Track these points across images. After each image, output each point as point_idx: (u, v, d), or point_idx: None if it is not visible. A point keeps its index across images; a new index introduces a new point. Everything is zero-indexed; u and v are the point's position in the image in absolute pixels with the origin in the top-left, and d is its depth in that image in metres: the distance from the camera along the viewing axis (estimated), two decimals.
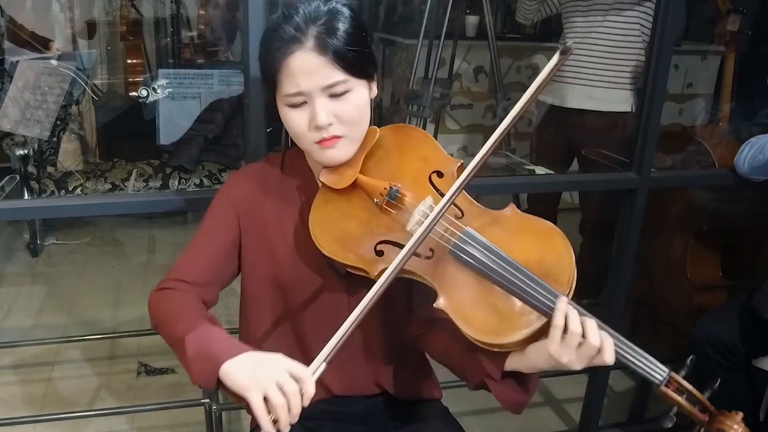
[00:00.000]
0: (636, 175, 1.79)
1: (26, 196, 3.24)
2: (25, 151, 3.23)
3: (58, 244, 3.56)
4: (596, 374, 2.00)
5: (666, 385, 1.02)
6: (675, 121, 4.07)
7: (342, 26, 1.05)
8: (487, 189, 1.71)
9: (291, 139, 1.15)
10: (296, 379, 0.94)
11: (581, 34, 2.57)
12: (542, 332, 1.00)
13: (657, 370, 1.02)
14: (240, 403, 0.96)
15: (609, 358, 0.99)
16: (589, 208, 2.85)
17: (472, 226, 1.06)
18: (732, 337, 1.79)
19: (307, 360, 1.02)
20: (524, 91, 1.01)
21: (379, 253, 1.08)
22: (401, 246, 1.04)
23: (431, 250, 1.06)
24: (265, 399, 0.92)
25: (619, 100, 2.58)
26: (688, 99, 4.22)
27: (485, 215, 1.09)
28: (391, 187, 1.09)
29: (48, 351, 2.57)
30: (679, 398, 1.03)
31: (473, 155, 1.16)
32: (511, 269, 1.00)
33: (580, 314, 0.99)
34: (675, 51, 1.75)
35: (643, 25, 2.46)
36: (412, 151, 1.16)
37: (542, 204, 2.90)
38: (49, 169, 3.45)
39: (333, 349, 0.97)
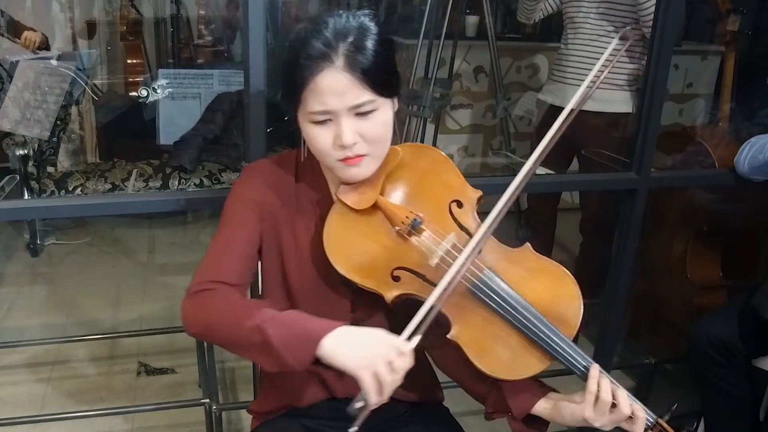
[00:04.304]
0: (636, 175, 1.79)
1: (26, 196, 3.24)
2: (25, 151, 3.23)
3: (58, 244, 3.56)
4: None
5: (651, 429, 1.10)
6: (675, 121, 4.07)
7: (371, 44, 1.02)
8: (487, 189, 1.70)
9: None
10: (401, 354, 0.96)
11: (582, 34, 2.57)
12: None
13: (647, 415, 1.10)
14: (344, 370, 0.96)
15: (640, 427, 1.08)
16: (589, 208, 2.85)
17: (489, 263, 1.10)
18: (732, 337, 1.80)
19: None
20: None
21: (396, 279, 1.10)
22: (419, 275, 1.09)
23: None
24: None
25: (620, 101, 2.58)
26: (688, 99, 4.21)
27: (502, 252, 1.12)
28: (414, 219, 1.09)
29: (48, 351, 2.57)
30: None
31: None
32: (526, 313, 1.07)
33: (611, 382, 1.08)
34: (675, 51, 1.75)
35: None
36: (432, 175, 1.15)
37: (542, 204, 2.91)
38: (49, 169, 3.45)
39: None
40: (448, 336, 1.07)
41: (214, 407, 1.96)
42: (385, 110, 1.07)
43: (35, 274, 3.31)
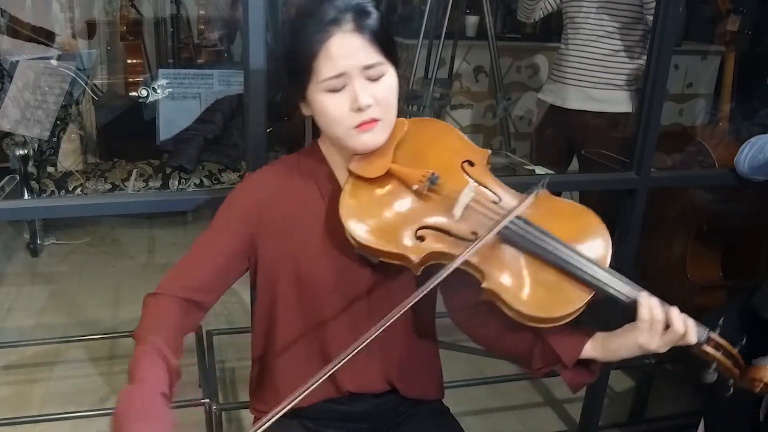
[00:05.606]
0: (636, 175, 1.80)
1: (26, 196, 3.24)
2: (25, 151, 3.23)
3: (58, 244, 3.56)
4: None
5: (706, 343, 1.11)
6: (675, 121, 4.07)
7: (374, 9, 1.09)
8: None
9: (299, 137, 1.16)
10: None
11: (582, 34, 2.57)
12: (588, 304, 1.07)
13: (699, 329, 1.11)
14: None
15: (692, 338, 1.10)
16: (589, 208, 2.85)
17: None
18: (732, 337, 1.79)
19: (324, 357, 1.08)
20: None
21: (420, 239, 1.10)
22: (443, 230, 1.10)
23: (474, 233, 1.09)
24: None
25: (620, 101, 2.58)
26: (688, 99, 4.22)
27: (520, 198, 1.14)
28: (432, 174, 1.11)
29: (48, 351, 2.57)
30: (717, 354, 1.13)
31: None
32: (557, 244, 1.08)
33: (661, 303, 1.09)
34: (675, 51, 1.75)
35: (645, 24, 2.46)
36: (440, 142, 1.19)
37: None
38: (49, 169, 3.45)
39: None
40: (482, 286, 1.07)
41: (214, 407, 1.95)
42: (392, 75, 1.11)
43: (35, 274, 3.31)
